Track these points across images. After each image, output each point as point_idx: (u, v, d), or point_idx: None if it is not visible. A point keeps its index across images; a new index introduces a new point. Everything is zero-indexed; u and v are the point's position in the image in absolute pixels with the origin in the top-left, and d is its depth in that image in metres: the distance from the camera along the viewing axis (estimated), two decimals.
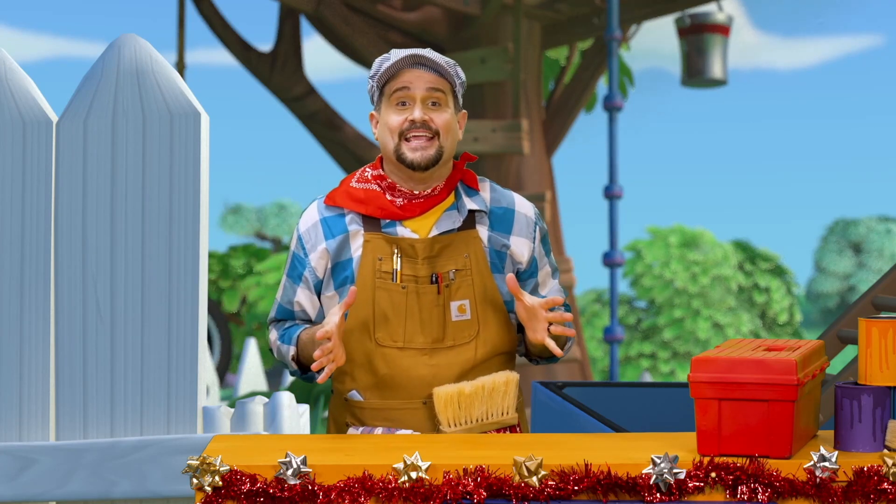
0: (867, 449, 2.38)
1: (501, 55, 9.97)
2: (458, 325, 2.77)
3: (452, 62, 2.83)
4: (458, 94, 2.84)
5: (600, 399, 4.44)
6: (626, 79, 12.89)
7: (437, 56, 2.79)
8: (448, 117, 2.79)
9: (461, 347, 2.77)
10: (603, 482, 2.27)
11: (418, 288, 2.75)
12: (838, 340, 3.61)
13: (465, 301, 2.77)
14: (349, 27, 10.54)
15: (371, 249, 2.77)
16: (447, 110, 2.79)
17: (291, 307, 2.88)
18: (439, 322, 2.76)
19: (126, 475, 2.76)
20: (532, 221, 2.89)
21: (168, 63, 2.84)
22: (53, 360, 2.85)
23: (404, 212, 2.78)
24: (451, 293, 2.77)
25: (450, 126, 2.79)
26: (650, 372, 23.72)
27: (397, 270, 2.76)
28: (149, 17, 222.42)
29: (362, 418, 2.81)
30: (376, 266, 2.75)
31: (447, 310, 2.76)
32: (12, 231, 2.86)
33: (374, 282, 2.75)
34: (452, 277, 2.77)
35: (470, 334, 2.77)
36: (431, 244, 2.76)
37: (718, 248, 24.82)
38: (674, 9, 10.82)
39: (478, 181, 2.87)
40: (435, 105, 2.78)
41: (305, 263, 2.84)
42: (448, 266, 2.77)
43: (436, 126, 2.77)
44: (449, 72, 2.79)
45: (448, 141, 2.79)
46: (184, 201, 2.83)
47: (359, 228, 2.80)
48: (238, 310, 15.62)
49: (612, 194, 9.19)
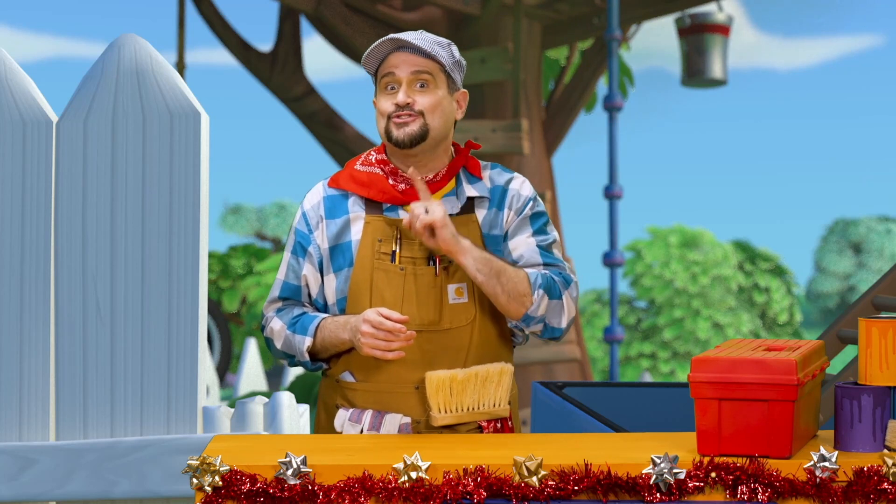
0: (867, 449, 2.38)
1: (501, 55, 9.97)
2: (456, 308, 2.77)
3: (445, 42, 2.83)
4: (451, 72, 2.83)
5: (600, 399, 4.44)
6: (626, 79, 12.88)
7: (422, 38, 2.79)
8: (435, 98, 2.79)
9: (457, 331, 2.77)
10: (603, 482, 2.27)
11: (416, 269, 2.77)
12: (838, 340, 3.61)
13: (463, 284, 2.78)
14: (349, 27, 10.54)
15: (371, 231, 2.79)
16: (436, 91, 2.79)
17: (298, 282, 2.87)
18: (436, 304, 2.77)
19: (126, 475, 2.76)
20: (523, 197, 2.87)
21: (168, 63, 2.84)
22: (53, 360, 2.85)
23: (406, 196, 2.80)
24: (449, 276, 2.78)
25: (436, 106, 2.79)
26: (650, 372, 23.71)
27: (396, 252, 2.77)
28: (149, 17, 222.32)
29: (353, 400, 2.81)
30: (376, 247, 2.77)
31: (444, 292, 2.77)
32: (12, 231, 2.86)
33: (372, 262, 2.77)
34: (450, 262, 2.78)
35: (467, 318, 2.78)
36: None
37: (718, 248, 24.82)
38: (674, 9, 10.82)
39: (480, 168, 2.87)
40: (423, 87, 2.78)
41: (310, 240, 2.85)
42: None
43: (419, 107, 2.77)
44: (435, 53, 2.78)
45: (435, 120, 2.78)
46: (184, 201, 2.83)
47: (360, 212, 2.82)
48: (238, 310, 15.61)
49: (612, 194, 9.19)
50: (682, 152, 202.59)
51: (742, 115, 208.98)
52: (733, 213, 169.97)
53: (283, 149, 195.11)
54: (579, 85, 11.28)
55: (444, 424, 2.74)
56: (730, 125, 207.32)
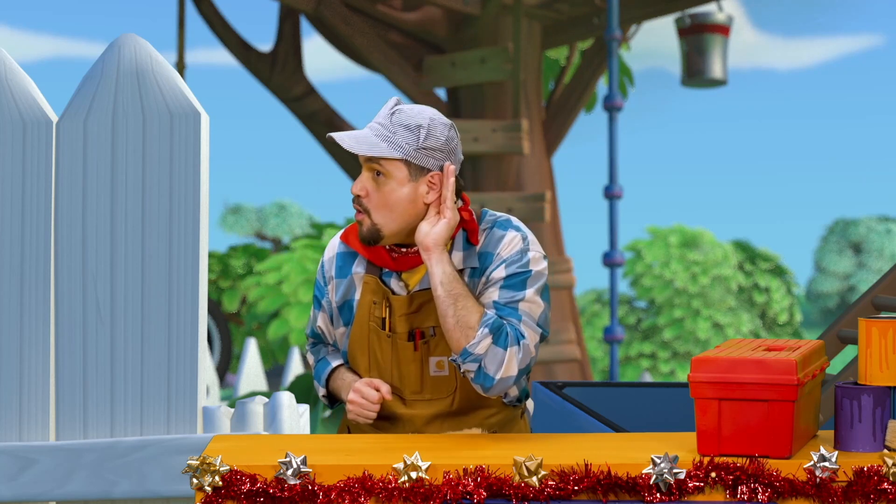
0: (867, 449, 2.38)
1: (501, 55, 9.97)
2: (436, 381, 2.77)
3: (414, 124, 2.64)
4: (420, 158, 2.64)
5: (600, 399, 4.44)
6: (626, 79, 12.89)
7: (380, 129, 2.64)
8: (383, 194, 2.65)
9: (439, 402, 2.78)
10: (603, 482, 2.27)
11: (398, 341, 2.77)
12: (838, 340, 3.61)
13: (444, 358, 2.76)
14: (349, 27, 10.54)
15: (368, 291, 2.79)
16: (387, 183, 2.64)
17: (316, 330, 2.94)
18: (416, 376, 2.77)
19: (126, 475, 2.76)
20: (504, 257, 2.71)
21: (168, 63, 2.84)
22: (53, 360, 2.85)
23: (398, 265, 2.77)
24: (430, 349, 2.76)
25: (384, 203, 2.65)
26: (650, 372, 23.71)
27: (385, 319, 2.78)
28: (149, 17, 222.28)
29: None
30: (371, 309, 2.78)
31: (426, 364, 2.77)
32: (12, 231, 2.86)
33: (368, 325, 2.79)
34: (433, 333, 2.75)
35: (448, 390, 2.77)
36: (410, 300, 2.74)
37: (718, 248, 24.81)
38: (674, 9, 10.82)
39: (478, 233, 2.73)
40: (378, 175, 2.66)
41: (324, 292, 2.87)
42: (427, 322, 2.74)
43: (367, 204, 2.67)
44: (377, 153, 2.62)
45: (383, 217, 2.66)
46: (184, 201, 2.83)
47: (362, 272, 2.82)
48: (238, 310, 15.61)
49: (612, 194, 9.19)
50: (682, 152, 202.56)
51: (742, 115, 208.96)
52: (733, 213, 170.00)
53: (283, 149, 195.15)
54: (579, 85, 11.29)
55: None
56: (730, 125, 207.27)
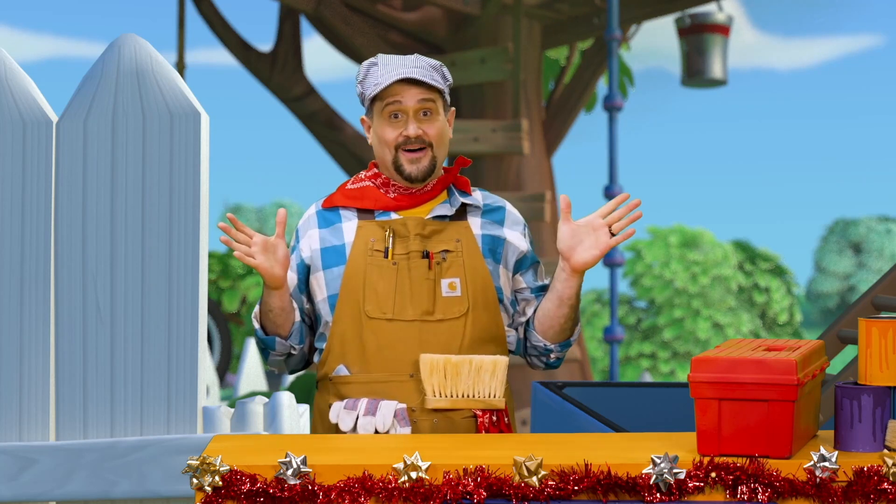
0: (867, 449, 2.38)
1: (501, 55, 9.97)
2: (449, 301, 2.82)
3: (438, 64, 2.88)
4: (446, 96, 2.89)
5: (600, 399, 4.45)
6: (626, 79, 12.89)
7: (423, 69, 2.83)
8: (440, 125, 2.86)
9: (451, 322, 2.80)
10: (603, 482, 2.27)
11: (409, 263, 2.82)
12: (838, 340, 3.61)
13: (456, 279, 2.83)
14: (349, 27, 10.54)
15: (364, 234, 2.85)
16: (438, 118, 2.86)
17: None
18: (429, 295, 2.81)
19: (126, 475, 2.76)
20: (522, 223, 2.98)
21: (168, 63, 2.85)
22: (53, 360, 2.85)
23: (397, 202, 2.87)
24: (443, 270, 2.82)
25: (442, 134, 2.87)
26: (650, 372, 23.73)
27: (389, 248, 2.83)
28: (149, 17, 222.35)
29: (347, 395, 2.84)
30: (369, 246, 2.83)
31: (438, 285, 2.82)
32: (12, 231, 2.86)
33: (365, 259, 2.82)
34: (444, 258, 2.83)
35: (460, 310, 2.81)
36: (423, 224, 2.84)
37: (718, 248, 24.82)
38: (674, 9, 10.82)
39: (470, 186, 2.95)
40: (426, 115, 2.85)
41: (295, 249, 2.93)
42: (439, 247, 2.84)
43: (429, 139, 2.84)
44: (436, 82, 2.84)
45: (441, 150, 2.87)
46: (184, 201, 2.83)
47: (353, 218, 2.88)
48: (238, 310, 15.61)
49: (612, 194, 9.19)
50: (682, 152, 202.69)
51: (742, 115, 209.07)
52: (733, 213, 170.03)
53: (283, 149, 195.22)
54: (579, 85, 11.28)
55: (437, 408, 2.77)
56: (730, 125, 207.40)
